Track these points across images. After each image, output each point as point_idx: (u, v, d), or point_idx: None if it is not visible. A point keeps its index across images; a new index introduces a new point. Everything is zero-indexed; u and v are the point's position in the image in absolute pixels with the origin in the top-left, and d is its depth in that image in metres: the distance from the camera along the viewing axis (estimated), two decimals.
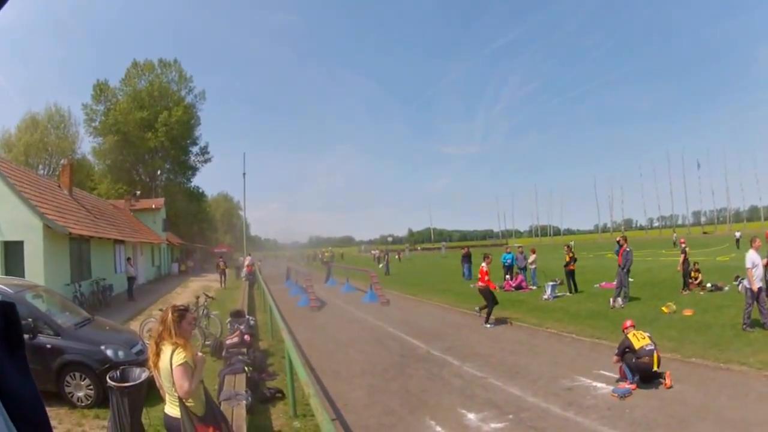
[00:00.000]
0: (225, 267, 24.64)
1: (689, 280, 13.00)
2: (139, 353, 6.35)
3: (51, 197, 15.77)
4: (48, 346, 5.90)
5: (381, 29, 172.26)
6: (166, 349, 2.99)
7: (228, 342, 7.86)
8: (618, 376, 6.18)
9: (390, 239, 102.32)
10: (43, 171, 39.45)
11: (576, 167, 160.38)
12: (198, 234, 51.45)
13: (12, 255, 12.89)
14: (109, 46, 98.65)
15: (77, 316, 7.10)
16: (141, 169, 46.99)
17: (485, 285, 10.67)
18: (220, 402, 4.90)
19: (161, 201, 35.60)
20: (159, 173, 47.52)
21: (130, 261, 18.92)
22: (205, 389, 3.24)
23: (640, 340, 6.04)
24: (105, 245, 18.51)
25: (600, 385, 6.03)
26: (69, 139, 43.87)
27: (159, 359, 3.02)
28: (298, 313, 13.93)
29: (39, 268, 12.63)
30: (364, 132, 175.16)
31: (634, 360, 5.93)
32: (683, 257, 13.21)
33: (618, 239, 12.69)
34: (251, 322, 10.57)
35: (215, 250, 48.91)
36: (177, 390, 2.93)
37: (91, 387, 5.86)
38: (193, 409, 3.00)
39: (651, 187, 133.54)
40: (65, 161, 28.94)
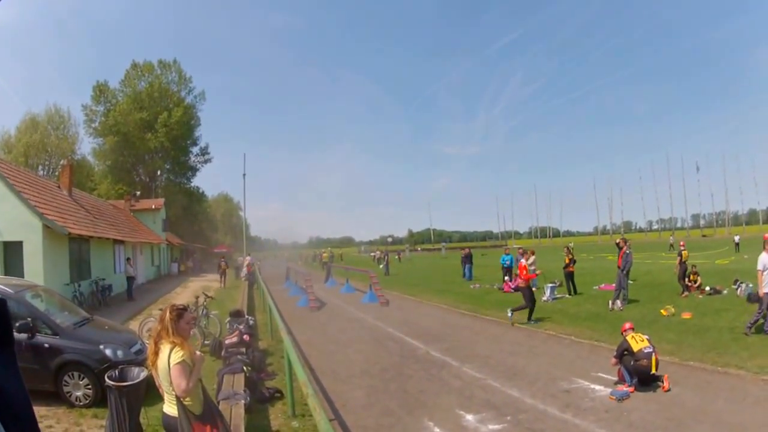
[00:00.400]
0: (226, 267, 24.69)
1: (688, 283, 12.99)
2: (138, 353, 6.36)
3: (50, 197, 15.78)
4: (46, 345, 5.91)
5: (381, 29, 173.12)
6: (164, 348, 3.00)
7: (227, 342, 7.87)
8: (616, 378, 6.17)
9: (390, 240, 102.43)
10: (43, 172, 39.47)
11: (576, 168, 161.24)
12: (198, 234, 51.46)
13: (12, 255, 12.92)
14: (109, 46, 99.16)
15: (76, 315, 7.11)
16: (141, 170, 47.04)
17: (526, 283, 10.53)
18: (218, 401, 4.91)
19: (161, 201, 35.66)
20: (159, 174, 47.61)
21: (129, 261, 18.94)
22: (204, 388, 3.24)
23: (638, 342, 6.04)
24: (104, 245, 18.52)
25: (598, 388, 6.03)
26: (69, 140, 44.00)
27: (158, 358, 3.03)
28: (297, 314, 13.92)
29: (38, 268, 12.66)
30: (364, 132, 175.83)
31: (632, 363, 5.93)
32: (679, 259, 13.21)
33: (617, 241, 12.64)
34: (250, 321, 10.57)
35: (215, 250, 48.99)
36: (175, 389, 2.93)
37: (90, 386, 5.86)
38: (191, 408, 3.01)
39: (650, 190, 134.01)
40: (65, 162, 28.98)
